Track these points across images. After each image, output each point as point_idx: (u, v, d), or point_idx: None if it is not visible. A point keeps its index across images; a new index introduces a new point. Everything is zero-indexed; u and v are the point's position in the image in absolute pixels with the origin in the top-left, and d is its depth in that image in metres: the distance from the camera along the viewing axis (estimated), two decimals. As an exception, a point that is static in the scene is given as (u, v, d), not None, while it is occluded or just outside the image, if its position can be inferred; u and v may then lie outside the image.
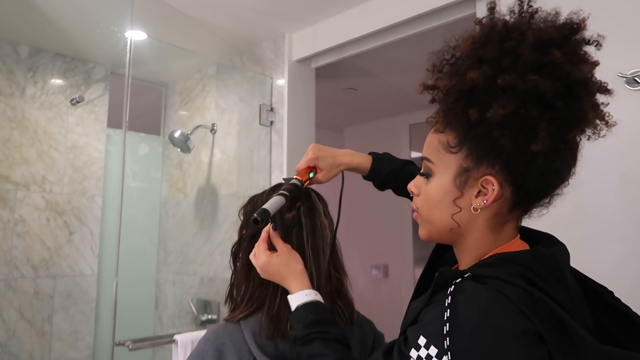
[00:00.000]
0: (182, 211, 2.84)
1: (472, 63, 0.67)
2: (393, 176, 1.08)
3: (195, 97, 2.86)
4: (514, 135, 0.66)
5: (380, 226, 3.73)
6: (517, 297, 0.62)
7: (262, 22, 2.33)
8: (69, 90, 2.59)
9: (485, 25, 0.69)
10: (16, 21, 2.29)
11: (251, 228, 1.02)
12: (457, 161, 0.72)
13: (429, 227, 0.78)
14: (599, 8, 1.37)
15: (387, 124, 3.72)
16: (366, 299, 3.63)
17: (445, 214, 0.74)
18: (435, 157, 0.75)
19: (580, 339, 0.61)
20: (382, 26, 2.03)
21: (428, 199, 0.76)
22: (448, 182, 0.73)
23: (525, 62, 0.64)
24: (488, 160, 0.69)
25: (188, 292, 2.68)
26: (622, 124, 0.81)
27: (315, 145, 1.07)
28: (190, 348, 2.05)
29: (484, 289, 0.63)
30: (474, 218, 0.72)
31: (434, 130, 0.76)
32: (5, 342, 2.28)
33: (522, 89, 0.64)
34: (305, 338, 0.85)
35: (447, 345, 0.59)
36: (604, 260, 1.25)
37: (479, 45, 0.67)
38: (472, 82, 0.66)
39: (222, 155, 2.66)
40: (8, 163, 2.36)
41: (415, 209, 0.80)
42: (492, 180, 0.69)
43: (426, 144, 0.78)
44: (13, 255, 2.34)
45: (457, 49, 0.70)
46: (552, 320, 0.61)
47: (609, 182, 1.31)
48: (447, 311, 0.62)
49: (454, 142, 0.72)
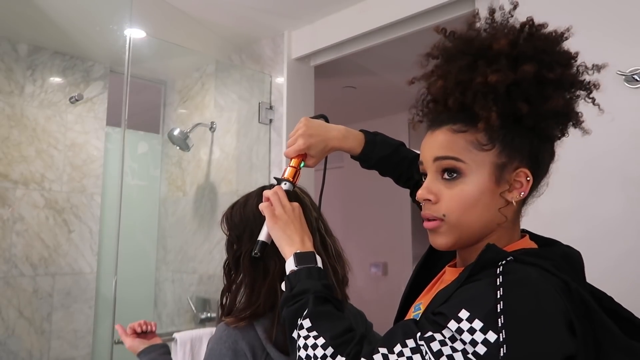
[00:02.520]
0: (181, 209, 2.84)
1: (512, 60, 0.71)
2: (383, 162, 1.05)
3: (195, 95, 2.85)
4: (557, 124, 0.74)
5: (379, 224, 3.74)
6: (557, 286, 0.64)
7: (261, 20, 2.33)
8: (68, 88, 2.59)
9: (511, 28, 0.74)
10: (15, 19, 2.29)
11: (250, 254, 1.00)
12: (491, 158, 0.72)
13: (458, 233, 0.74)
14: (599, 7, 1.37)
15: (386, 122, 3.71)
16: (365, 296, 3.63)
17: (484, 213, 0.73)
18: (466, 157, 0.72)
19: (608, 332, 0.64)
20: (381, 24, 2.03)
21: (462, 200, 0.72)
22: (485, 180, 0.72)
23: (560, 60, 0.72)
24: (520, 154, 0.73)
25: (187, 290, 2.68)
26: (622, 122, 0.82)
27: (306, 126, 0.98)
28: (190, 346, 2.05)
29: (534, 271, 0.64)
30: (504, 211, 0.74)
31: (449, 130, 0.74)
32: (4, 340, 2.28)
33: (565, 82, 0.72)
34: (320, 294, 0.78)
35: (502, 323, 0.59)
36: (603, 259, 1.25)
37: (515, 43, 0.72)
38: (526, 74, 0.69)
39: (221, 153, 2.66)
40: (7, 161, 2.35)
41: (437, 217, 0.74)
42: (527, 172, 0.73)
43: (446, 145, 0.74)
44: (12, 253, 2.34)
45: (482, 48, 0.73)
46: (583, 311, 0.64)
47: (609, 180, 1.31)
48: (500, 290, 0.61)
49: (484, 139, 0.72)
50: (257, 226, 0.98)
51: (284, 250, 0.88)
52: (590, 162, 1.33)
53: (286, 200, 0.94)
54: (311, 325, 0.74)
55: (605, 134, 1.32)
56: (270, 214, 0.91)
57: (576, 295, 0.64)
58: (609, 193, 1.31)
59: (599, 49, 1.32)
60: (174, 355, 2.04)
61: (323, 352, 0.70)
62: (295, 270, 0.83)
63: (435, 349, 0.61)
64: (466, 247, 0.78)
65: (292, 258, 0.85)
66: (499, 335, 0.59)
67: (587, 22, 1.34)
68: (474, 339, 0.59)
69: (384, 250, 3.72)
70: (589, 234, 1.30)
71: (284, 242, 0.89)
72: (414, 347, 0.63)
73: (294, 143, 0.98)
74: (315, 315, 0.75)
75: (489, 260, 0.66)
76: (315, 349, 0.70)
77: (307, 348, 0.72)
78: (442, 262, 0.88)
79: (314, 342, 0.71)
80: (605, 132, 1.32)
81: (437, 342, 0.61)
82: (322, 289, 0.79)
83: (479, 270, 0.67)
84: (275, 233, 0.90)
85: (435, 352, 0.61)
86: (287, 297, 0.80)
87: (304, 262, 0.84)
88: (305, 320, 0.74)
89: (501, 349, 0.58)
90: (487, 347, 0.59)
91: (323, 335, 0.71)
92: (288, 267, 0.85)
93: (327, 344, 0.70)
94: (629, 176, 1.28)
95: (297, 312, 0.77)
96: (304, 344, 0.73)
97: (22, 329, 2.34)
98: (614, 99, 1.33)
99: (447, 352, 0.60)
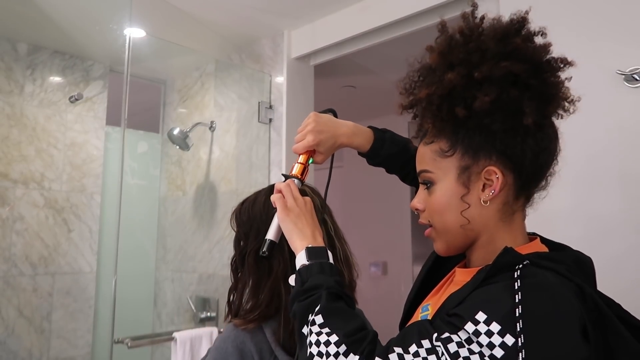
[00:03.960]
0: (181, 209, 2.84)
1: (445, 70, 0.73)
2: (390, 160, 1.04)
3: (194, 94, 2.85)
4: (503, 118, 0.71)
5: (379, 223, 3.74)
6: (572, 290, 0.64)
7: (261, 20, 2.33)
8: (67, 87, 2.59)
9: (445, 38, 0.75)
10: (15, 19, 2.29)
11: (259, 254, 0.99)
12: (455, 163, 0.75)
13: (445, 237, 0.78)
14: (599, 7, 1.37)
15: (386, 121, 3.69)
16: (365, 296, 3.63)
17: (456, 215, 0.75)
18: (432, 166, 0.77)
19: (620, 338, 0.64)
20: (381, 24, 2.03)
21: (436, 206, 0.77)
22: (452, 184, 0.75)
23: (493, 54, 0.71)
24: (484, 152, 0.73)
25: (187, 290, 2.68)
26: (621, 121, 0.82)
27: (316, 121, 0.96)
28: (190, 345, 2.06)
29: (551, 276, 0.65)
30: (485, 212, 0.75)
31: (423, 144, 0.80)
32: (4, 339, 2.28)
33: (498, 76, 0.70)
34: (333, 289, 0.77)
35: (520, 327, 0.59)
36: (603, 257, 1.25)
37: (446, 53, 0.73)
38: (450, 83, 0.71)
39: (221, 152, 2.66)
40: (7, 161, 2.35)
41: (427, 223, 0.80)
42: (494, 169, 0.73)
43: (419, 159, 0.80)
44: (12, 252, 2.34)
45: (424, 67, 0.76)
46: (596, 316, 0.64)
47: (609, 179, 1.31)
48: (519, 294, 0.61)
49: (446, 146, 0.76)
50: (264, 224, 0.96)
51: (295, 244, 0.85)
52: (589, 161, 1.33)
53: (298, 193, 0.92)
54: (323, 321, 0.72)
55: (604, 133, 1.32)
56: (282, 206, 0.89)
57: (590, 301, 0.65)
58: (608, 192, 1.31)
59: (599, 48, 1.32)
60: (173, 355, 2.05)
61: (336, 349, 0.68)
62: (307, 265, 0.81)
63: (453, 350, 0.60)
64: (462, 249, 0.79)
65: (304, 252, 0.83)
66: (517, 340, 0.59)
67: (587, 21, 1.35)
68: (491, 342, 0.59)
69: (383, 250, 3.72)
70: (587, 233, 1.30)
71: (295, 235, 0.86)
72: (430, 347, 0.63)
73: (303, 139, 0.96)
74: (328, 311, 0.73)
75: (506, 264, 0.67)
76: (328, 346, 0.69)
77: (320, 344, 0.70)
78: (449, 264, 0.88)
79: (327, 338, 0.70)
80: (604, 131, 1.32)
81: (454, 343, 0.61)
82: (334, 284, 0.78)
83: (495, 273, 0.67)
84: (286, 225, 0.88)
85: (452, 354, 0.60)
86: (298, 291, 0.79)
87: (315, 256, 0.82)
88: (318, 316, 0.72)
89: (520, 353, 0.58)
90: (505, 350, 0.59)
91: (336, 332, 0.69)
92: (299, 261, 0.83)
93: (341, 341, 0.68)
94: (628, 175, 1.28)
95: (309, 307, 0.75)
96: (316, 340, 0.70)
97: (22, 328, 2.34)
98: (614, 98, 1.33)
99: (464, 354, 0.60)
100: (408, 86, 0.79)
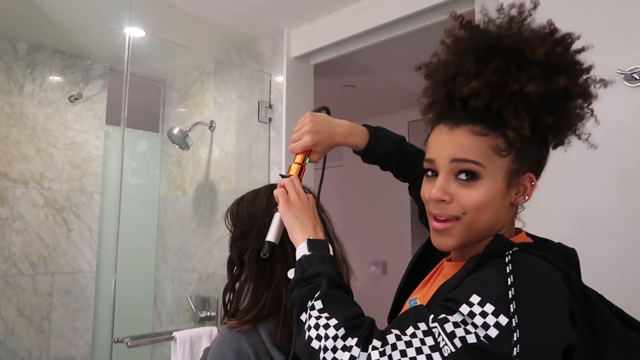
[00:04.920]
0: (180, 208, 2.84)
1: (554, 72, 0.72)
2: (385, 157, 1.05)
3: (194, 94, 2.85)
4: (559, 134, 0.78)
5: (379, 222, 3.74)
6: (560, 276, 0.66)
7: (260, 19, 2.33)
8: (67, 87, 2.59)
9: (544, 36, 0.75)
10: (15, 18, 2.29)
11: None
12: (507, 164, 0.74)
13: (467, 233, 0.75)
14: (599, 6, 1.37)
15: (386, 121, 3.70)
16: (364, 295, 3.63)
17: (493, 216, 0.75)
18: (485, 161, 0.73)
19: (605, 323, 0.67)
20: (380, 23, 2.03)
21: (479, 202, 0.73)
22: (499, 184, 0.74)
23: (579, 73, 0.76)
24: (530, 161, 0.76)
25: (187, 289, 2.68)
26: (621, 121, 0.82)
27: (313, 122, 0.97)
28: (189, 345, 2.06)
29: (541, 261, 0.67)
30: (507, 214, 0.77)
31: (472, 132, 0.74)
32: (3, 339, 2.28)
33: (584, 94, 0.76)
34: (333, 278, 0.78)
35: (514, 308, 0.61)
36: (601, 256, 1.25)
37: (550, 53, 0.73)
38: (558, 86, 0.72)
39: (221, 152, 2.66)
40: (6, 160, 2.35)
41: (448, 218, 0.75)
42: (532, 176, 0.76)
43: (466, 147, 0.73)
44: (11, 252, 2.34)
45: (519, 51, 0.73)
46: (582, 302, 0.66)
47: (608, 178, 1.31)
48: (511, 277, 0.63)
49: (503, 145, 0.73)
50: (265, 224, 0.95)
51: (296, 237, 0.86)
52: (588, 161, 1.33)
53: (301, 189, 0.94)
54: (323, 307, 0.72)
55: (603, 132, 1.32)
56: (285, 200, 0.90)
57: (576, 287, 0.67)
58: (606, 191, 1.31)
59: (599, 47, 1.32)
60: (173, 354, 2.04)
61: (335, 332, 0.68)
62: (308, 255, 0.81)
63: (449, 330, 0.62)
64: (468, 246, 0.78)
65: (305, 244, 0.83)
66: (511, 320, 0.60)
67: (586, 20, 1.34)
68: (486, 322, 0.61)
69: (383, 249, 3.72)
70: (587, 233, 1.30)
71: (297, 228, 0.87)
72: (426, 329, 0.64)
73: (300, 139, 0.97)
74: (328, 297, 0.74)
75: (497, 250, 0.68)
76: (327, 329, 0.69)
77: (319, 327, 0.70)
78: (434, 258, 0.91)
79: (326, 322, 0.70)
80: (604, 130, 1.32)
81: (450, 323, 0.62)
82: (335, 274, 0.79)
83: (487, 259, 0.69)
84: (288, 219, 0.89)
85: (448, 334, 0.61)
86: (298, 279, 0.79)
87: (317, 248, 0.83)
88: (317, 301, 0.73)
89: (514, 333, 0.60)
90: (499, 330, 0.60)
91: (335, 317, 0.70)
92: (300, 252, 0.83)
93: (340, 325, 0.69)
94: (627, 174, 1.28)
95: (309, 293, 0.75)
96: (315, 323, 0.71)
97: (22, 327, 2.34)
98: (613, 98, 1.33)
99: (460, 333, 0.61)
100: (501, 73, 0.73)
